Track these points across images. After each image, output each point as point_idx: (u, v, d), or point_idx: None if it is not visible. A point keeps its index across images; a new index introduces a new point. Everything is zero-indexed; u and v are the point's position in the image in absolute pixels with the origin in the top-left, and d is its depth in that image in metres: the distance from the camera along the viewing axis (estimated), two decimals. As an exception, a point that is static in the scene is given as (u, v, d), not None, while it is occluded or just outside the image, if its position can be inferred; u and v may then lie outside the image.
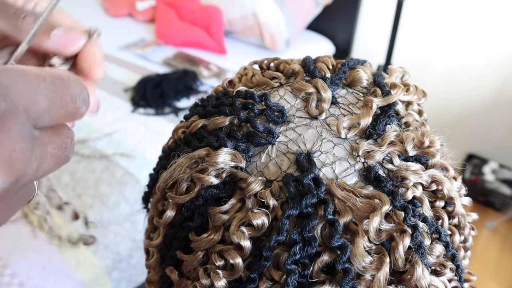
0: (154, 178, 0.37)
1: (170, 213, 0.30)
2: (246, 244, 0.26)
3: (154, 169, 0.38)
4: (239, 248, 0.27)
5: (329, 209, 0.26)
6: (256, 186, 0.27)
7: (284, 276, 0.25)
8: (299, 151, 0.29)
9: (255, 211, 0.27)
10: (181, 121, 0.36)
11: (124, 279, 1.03)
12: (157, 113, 1.37)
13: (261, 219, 0.26)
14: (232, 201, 0.28)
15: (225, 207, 0.28)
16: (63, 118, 0.21)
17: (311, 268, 0.26)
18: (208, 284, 0.27)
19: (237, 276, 0.27)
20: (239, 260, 0.26)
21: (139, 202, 0.42)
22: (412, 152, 0.30)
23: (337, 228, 0.26)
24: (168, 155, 0.34)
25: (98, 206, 1.02)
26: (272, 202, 0.27)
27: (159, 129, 1.30)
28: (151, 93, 1.40)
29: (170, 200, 0.30)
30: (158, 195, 0.32)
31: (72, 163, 1.11)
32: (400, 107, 0.33)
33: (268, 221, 0.27)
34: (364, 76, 0.34)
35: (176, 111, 1.39)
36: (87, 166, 1.11)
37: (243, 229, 0.27)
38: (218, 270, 0.27)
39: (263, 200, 0.27)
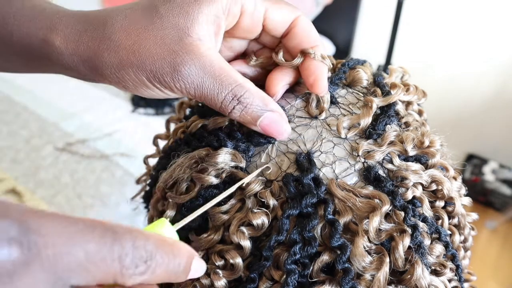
0: (154, 177, 0.37)
1: (170, 213, 0.30)
2: (246, 244, 0.26)
3: (154, 169, 0.38)
4: (239, 248, 0.27)
5: (329, 209, 0.26)
6: (256, 186, 0.27)
7: (284, 276, 0.25)
8: (299, 151, 0.29)
9: (255, 211, 0.27)
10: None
11: (124, 279, 1.03)
12: (157, 113, 1.37)
13: (261, 219, 0.26)
14: (232, 201, 0.28)
15: (225, 207, 0.28)
16: (101, 278, 0.18)
17: (311, 268, 0.26)
18: (208, 284, 0.27)
19: (237, 276, 0.27)
20: (239, 260, 0.26)
21: (139, 202, 0.42)
22: (412, 152, 0.30)
23: (337, 228, 0.26)
24: (168, 155, 0.34)
25: (98, 206, 1.02)
26: (272, 202, 0.27)
27: (159, 129, 1.30)
28: (151, 93, 1.40)
29: (170, 200, 0.30)
30: (158, 195, 0.32)
31: (72, 163, 1.11)
32: (400, 107, 0.33)
33: (268, 221, 0.27)
34: (364, 76, 0.34)
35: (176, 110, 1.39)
36: (87, 166, 1.11)
37: (243, 229, 0.27)
38: (218, 270, 0.27)
39: (263, 200, 0.27)
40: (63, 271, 0.16)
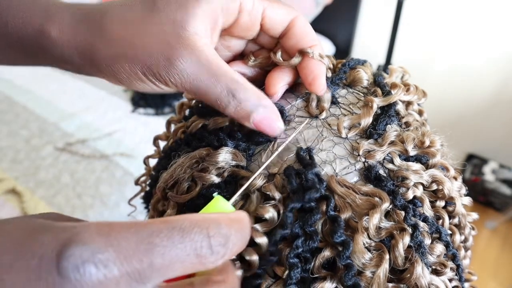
0: (154, 178, 0.37)
1: (170, 213, 0.30)
2: (263, 240, 0.25)
3: (154, 169, 0.38)
4: (253, 245, 0.26)
5: (331, 205, 0.26)
6: (258, 181, 0.27)
7: (287, 271, 0.25)
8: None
9: (264, 205, 0.26)
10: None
11: (124, 279, 1.03)
12: (157, 113, 1.37)
13: (271, 212, 0.26)
14: (235, 197, 0.28)
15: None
16: (180, 273, 0.18)
17: (312, 263, 0.25)
18: None
19: (253, 273, 0.26)
20: (255, 257, 0.26)
21: (139, 202, 0.42)
22: (412, 152, 0.30)
23: (339, 223, 0.25)
24: (169, 155, 0.34)
25: (98, 206, 1.02)
26: (277, 194, 0.27)
27: (159, 129, 1.30)
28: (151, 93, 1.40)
29: (171, 200, 0.30)
30: (158, 195, 0.32)
31: (72, 163, 1.11)
32: (400, 107, 0.33)
33: (278, 213, 0.26)
34: (365, 76, 0.34)
35: (176, 111, 1.39)
36: (87, 166, 1.11)
37: (257, 226, 0.26)
38: None
39: (267, 194, 0.27)
40: (140, 278, 0.17)
